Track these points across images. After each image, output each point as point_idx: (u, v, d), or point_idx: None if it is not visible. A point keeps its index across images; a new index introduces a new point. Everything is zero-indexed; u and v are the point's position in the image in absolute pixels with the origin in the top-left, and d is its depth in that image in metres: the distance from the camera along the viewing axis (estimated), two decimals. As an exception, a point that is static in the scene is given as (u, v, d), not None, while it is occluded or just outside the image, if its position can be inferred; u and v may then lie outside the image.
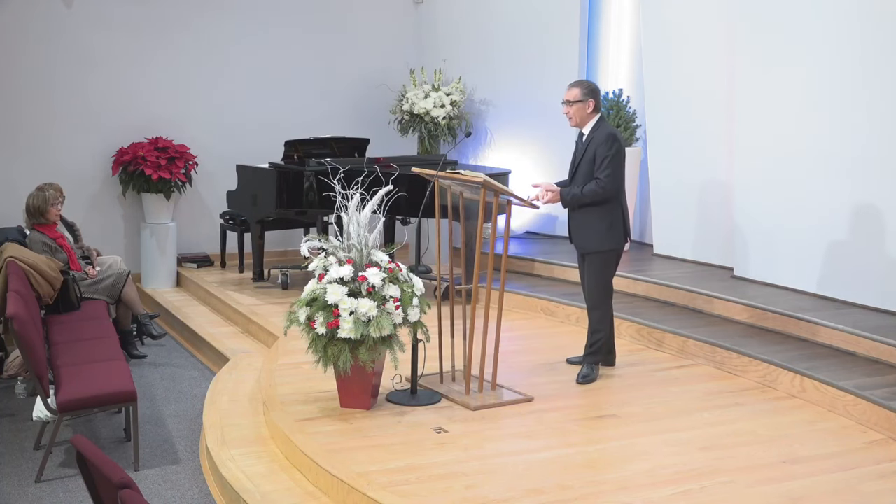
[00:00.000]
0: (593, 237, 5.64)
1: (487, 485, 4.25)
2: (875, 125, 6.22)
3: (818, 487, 4.32)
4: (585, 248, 5.72)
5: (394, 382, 5.43)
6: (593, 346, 5.79)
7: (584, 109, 5.61)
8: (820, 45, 6.53)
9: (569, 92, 5.67)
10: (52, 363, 5.50)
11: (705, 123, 7.62)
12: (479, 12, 9.29)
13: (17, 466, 5.15)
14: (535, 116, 8.88)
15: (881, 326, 5.88)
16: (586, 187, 5.54)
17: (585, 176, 5.57)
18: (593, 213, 5.60)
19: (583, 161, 5.60)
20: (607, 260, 5.71)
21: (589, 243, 5.68)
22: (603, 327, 5.77)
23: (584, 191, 5.54)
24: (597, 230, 5.62)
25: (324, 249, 5.21)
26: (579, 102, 5.60)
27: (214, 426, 5.19)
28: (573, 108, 5.63)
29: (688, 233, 7.82)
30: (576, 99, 5.61)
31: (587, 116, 5.63)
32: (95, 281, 7.01)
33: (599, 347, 5.80)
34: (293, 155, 8.28)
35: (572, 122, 5.68)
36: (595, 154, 5.53)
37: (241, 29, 9.20)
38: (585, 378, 5.73)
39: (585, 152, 5.60)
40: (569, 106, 5.65)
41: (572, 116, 5.66)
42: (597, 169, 5.53)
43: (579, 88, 5.64)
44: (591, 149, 5.57)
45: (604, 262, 5.70)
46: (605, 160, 5.50)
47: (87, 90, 8.66)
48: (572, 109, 5.64)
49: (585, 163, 5.58)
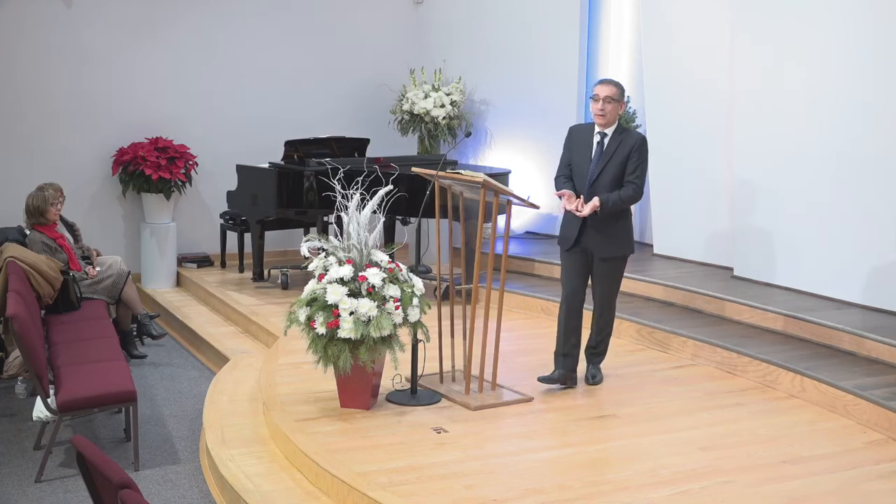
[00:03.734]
0: (617, 242, 5.49)
1: (487, 485, 4.25)
2: (875, 125, 6.22)
3: (818, 487, 4.32)
4: (609, 254, 5.50)
5: (394, 382, 5.43)
6: (598, 346, 5.73)
7: (618, 109, 5.43)
8: (821, 45, 6.53)
9: (606, 87, 5.41)
10: (52, 363, 5.50)
11: (705, 123, 7.62)
12: (479, 12, 9.29)
13: (17, 466, 5.15)
14: (535, 116, 8.88)
15: (881, 326, 5.88)
16: (625, 193, 5.36)
17: (613, 178, 5.38)
18: (618, 219, 5.46)
19: (610, 164, 5.38)
20: (623, 265, 5.62)
21: (612, 249, 5.49)
22: (609, 328, 5.70)
23: (623, 196, 5.36)
24: (620, 235, 5.49)
25: (324, 249, 5.21)
26: (616, 102, 5.40)
27: (214, 426, 5.19)
28: (611, 105, 5.39)
29: (688, 233, 7.81)
30: (615, 97, 5.39)
31: (617, 117, 5.46)
32: (95, 281, 7.01)
33: (605, 347, 5.75)
34: (293, 155, 8.28)
35: (605, 119, 5.40)
36: (628, 157, 5.36)
37: (241, 29, 9.19)
38: (595, 378, 5.69)
39: (614, 154, 5.38)
40: (607, 103, 5.38)
41: (607, 114, 5.39)
42: (630, 173, 5.36)
43: (616, 87, 5.41)
44: (623, 151, 5.37)
45: (621, 267, 5.61)
46: (640, 165, 5.37)
47: (87, 90, 8.65)
48: (609, 107, 5.39)
49: (614, 165, 5.38)
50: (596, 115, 5.43)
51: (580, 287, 5.58)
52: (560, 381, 5.55)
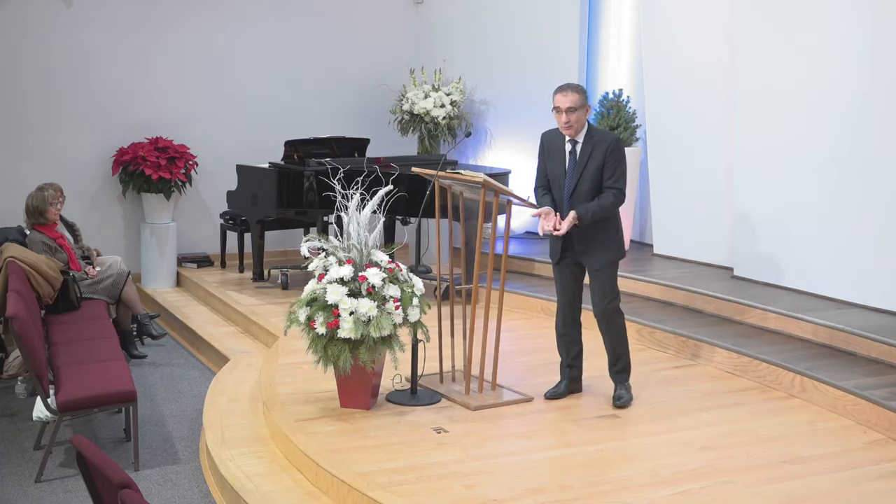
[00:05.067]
0: (605, 251, 5.19)
1: (487, 485, 4.25)
2: (876, 125, 6.22)
3: (818, 487, 4.32)
4: (598, 264, 5.20)
5: (394, 382, 5.43)
6: (618, 363, 5.35)
7: (584, 116, 5.05)
8: (821, 45, 6.53)
9: (567, 97, 5.01)
10: (52, 363, 5.50)
11: (705, 123, 7.62)
12: (479, 12, 9.29)
13: (17, 466, 5.15)
14: (535, 116, 8.83)
15: (881, 326, 5.88)
16: (605, 200, 5.04)
17: (592, 186, 5.08)
18: (605, 226, 5.16)
19: (586, 172, 5.07)
20: (616, 268, 5.30)
21: (601, 257, 5.19)
22: (623, 341, 5.33)
23: (603, 205, 5.04)
24: (607, 243, 5.19)
25: (324, 249, 5.21)
26: (580, 109, 5.01)
27: (214, 426, 5.19)
28: (575, 115, 5.00)
29: (688, 233, 7.81)
30: (578, 105, 5.01)
31: (584, 124, 5.09)
32: (95, 281, 7.01)
33: (627, 362, 5.36)
34: (293, 155, 8.28)
35: (572, 130, 5.05)
36: (605, 162, 5.04)
37: (241, 29, 9.19)
38: (620, 400, 5.27)
39: (588, 161, 5.07)
40: (570, 114, 4.99)
41: (573, 125, 5.03)
42: (608, 178, 5.04)
43: (578, 94, 5.02)
44: (598, 156, 5.05)
45: (615, 275, 5.28)
46: (618, 168, 5.04)
47: (87, 90, 8.65)
48: (574, 117, 5.00)
49: (590, 173, 5.07)
50: (563, 129, 5.10)
51: (574, 298, 5.37)
52: (566, 394, 5.44)
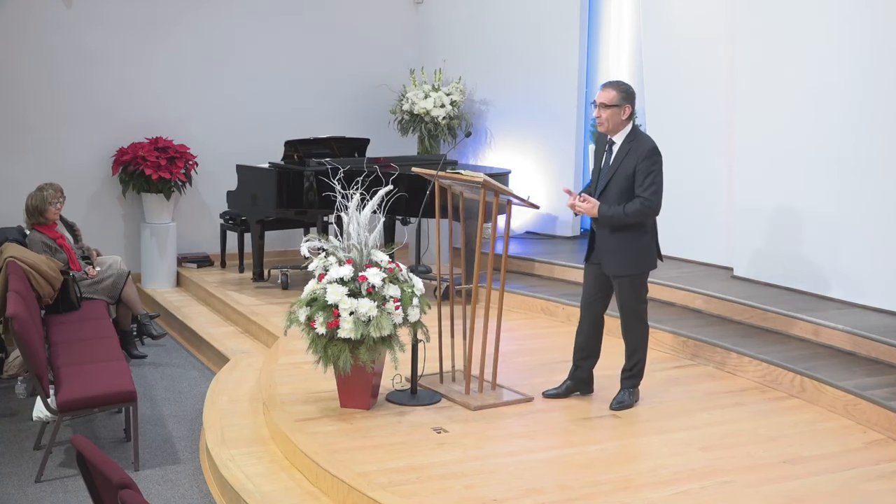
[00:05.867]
0: (626, 260, 5.09)
1: (487, 485, 4.25)
2: (876, 125, 6.22)
3: (818, 487, 4.32)
4: (616, 272, 5.12)
5: (394, 382, 5.43)
6: (632, 369, 5.30)
7: (618, 115, 5.02)
8: (821, 44, 6.52)
9: (603, 93, 5.06)
10: (52, 363, 5.50)
11: (705, 123, 7.62)
12: (479, 12, 9.29)
13: (17, 466, 5.15)
14: (535, 116, 8.88)
15: (881, 326, 5.88)
16: (630, 207, 4.96)
17: (621, 191, 5.02)
18: (628, 234, 5.06)
19: (616, 175, 5.03)
20: (640, 282, 5.19)
21: (620, 267, 5.11)
22: (640, 348, 5.27)
23: (627, 210, 4.97)
24: (630, 253, 5.08)
25: (324, 249, 5.21)
26: (614, 107, 5.01)
27: (214, 426, 5.19)
28: (607, 112, 5.01)
29: (688, 233, 7.81)
30: (611, 103, 5.01)
31: (621, 123, 5.05)
32: (95, 281, 7.01)
33: (639, 370, 5.31)
34: (293, 155, 8.28)
35: (603, 127, 5.06)
36: (635, 169, 4.98)
37: (241, 28, 9.19)
38: (620, 404, 5.24)
39: (621, 165, 5.03)
40: (602, 109, 5.02)
41: (604, 122, 5.03)
42: (639, 186, 4.96)
43: (616, 91, 5.03)
44: (630, 163, 5.00)
45: (637, 285, 5.18)
46: (649, 177, 4.95)
47: (87, 90, 8.65)
48: (606, 114, 5.01)
49: (621, 177, 5.01)
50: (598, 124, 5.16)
51: (596, 297, 5.29)
52: (564, 395, 5.41)
